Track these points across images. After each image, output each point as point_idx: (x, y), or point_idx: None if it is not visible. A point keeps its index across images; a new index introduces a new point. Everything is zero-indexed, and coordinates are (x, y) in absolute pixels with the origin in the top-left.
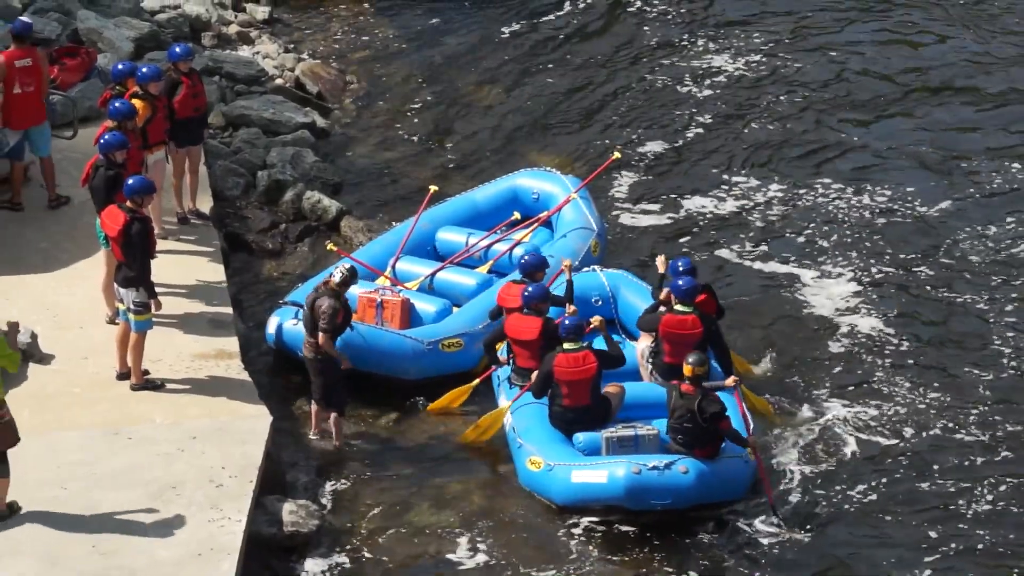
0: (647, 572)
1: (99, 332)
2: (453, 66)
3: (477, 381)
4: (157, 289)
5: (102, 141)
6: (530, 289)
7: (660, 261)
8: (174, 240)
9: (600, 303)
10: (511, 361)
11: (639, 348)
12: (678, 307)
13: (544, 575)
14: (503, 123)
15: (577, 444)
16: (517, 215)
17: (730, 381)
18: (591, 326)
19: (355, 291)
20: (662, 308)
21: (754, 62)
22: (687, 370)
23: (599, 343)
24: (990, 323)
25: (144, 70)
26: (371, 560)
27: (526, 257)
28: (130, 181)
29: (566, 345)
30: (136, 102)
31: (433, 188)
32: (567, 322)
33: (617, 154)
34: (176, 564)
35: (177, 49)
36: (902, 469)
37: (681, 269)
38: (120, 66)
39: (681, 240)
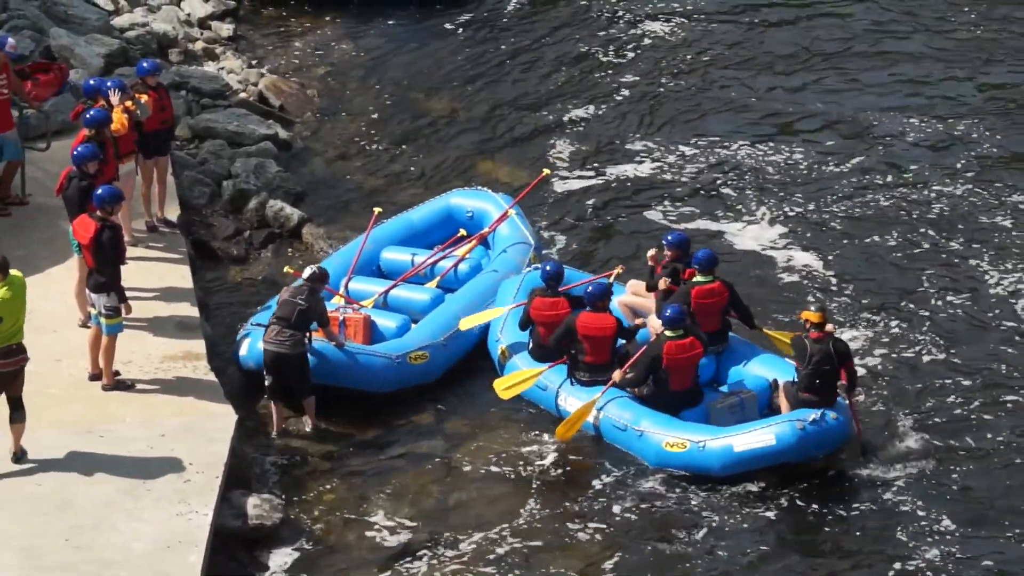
0: (598, 556)
1: (73, 335)
2: (409, 79)
3: (546, 367)
4: (127, 294)
5: (75, 153)
6: (590, 288)
7: (651, 255)
8: (143, 247)
9: None
10: (575, 357)
11: (656, 327)
12: (699, 278)
13: (501, 561)
14: (457, 131)
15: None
16: (463, 232)
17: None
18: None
19: None
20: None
21: (677, 27)
22: (816, 317)
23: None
24: (911, 257)
25: (109, 83)
26: (332, 550)
27: (547, 267)
28: (99, 191)
29: (668, 332)
30: (115, 114)
31: (377, 210)
32: (668, 312)
33: (547, 171)
34: (146, 556)
35: (145, 64)
36: (885, 390)
37: (673, 240)
38: (91, 81)
39: (611, 206)
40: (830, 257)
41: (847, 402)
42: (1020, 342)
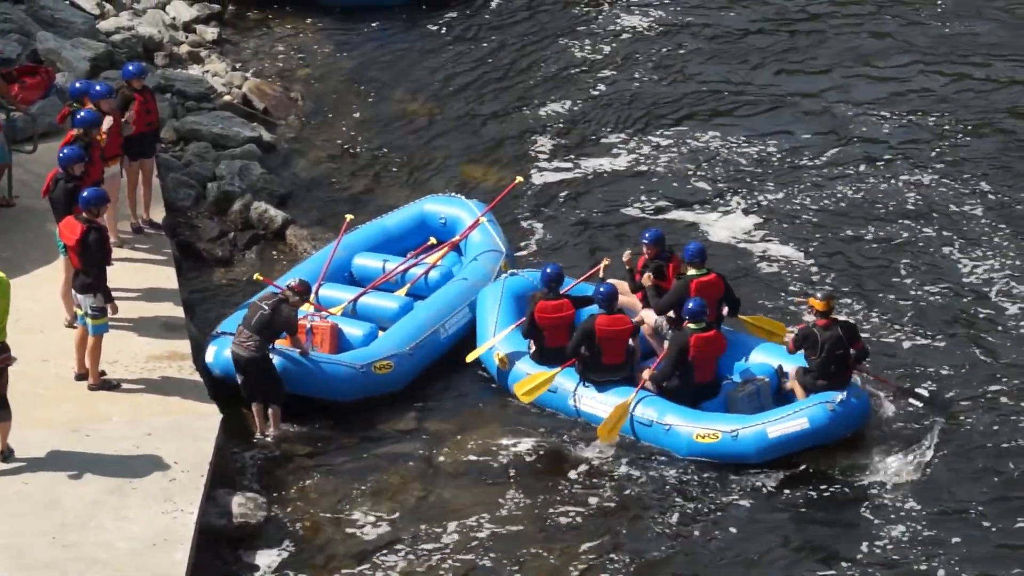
0: (577, 543)
1: (60, 336)
2: (391, 81)
3: (560, 369)
4: (113, 294)
5: (61, 155)
6: (602, 289)
7: (626, 259)
8: (129, 248)
9: None
10: (591, 358)
11: (651, 323)
12: (693, 271)
13: (480, 550)
14: (439, 132)
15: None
16: (433, 240)
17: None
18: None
19: None
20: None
21: (653, 22)
22: (822, 305)
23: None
24: (886, 246)
25: (97, 88)
26: (315, 548)
27: (548, 269)
28: (85, 193)
29: (692, 326)
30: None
31: (349, 217)
32: (691, 305)
33: (519, 179)
34: (133, 554)
35: (131, 68)
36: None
37: (651, 238)
38: (77, 84)
39: (588, 202)
40: (806, 247)
41: (860, 381)
42: (996, 329)
